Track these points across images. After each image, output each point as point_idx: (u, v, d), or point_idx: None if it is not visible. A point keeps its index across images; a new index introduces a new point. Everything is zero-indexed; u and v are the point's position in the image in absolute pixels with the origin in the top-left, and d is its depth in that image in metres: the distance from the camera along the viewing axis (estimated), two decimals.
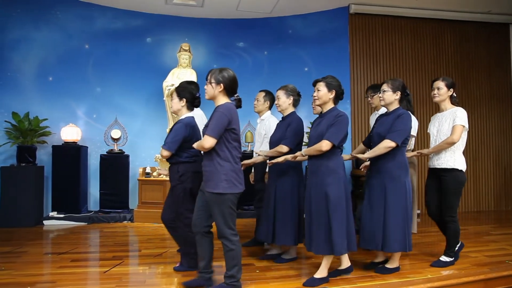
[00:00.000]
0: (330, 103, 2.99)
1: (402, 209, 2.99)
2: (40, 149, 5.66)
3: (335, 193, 2.81)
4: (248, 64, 6.71)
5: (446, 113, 3.37)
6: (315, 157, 2.92)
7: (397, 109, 3.11)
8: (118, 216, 5.57)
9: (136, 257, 3.81)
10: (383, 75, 6.69)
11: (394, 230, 2.97)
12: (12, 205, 5.13)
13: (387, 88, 3.12)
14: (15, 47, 5.73)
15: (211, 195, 2.59)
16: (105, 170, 5.75)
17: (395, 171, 3.01)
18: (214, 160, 2.58)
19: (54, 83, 5.94)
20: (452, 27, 6.91)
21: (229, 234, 2.60)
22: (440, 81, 3.38)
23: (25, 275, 3.07)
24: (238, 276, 2.64)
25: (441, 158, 3.30)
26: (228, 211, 2.59)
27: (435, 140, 3.39)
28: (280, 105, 3.45)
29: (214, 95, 2.68)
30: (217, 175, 2.55)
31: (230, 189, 2.57)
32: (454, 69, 6.90)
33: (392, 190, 2.99)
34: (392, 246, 2.98)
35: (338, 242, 2.79)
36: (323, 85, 2.95)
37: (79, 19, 6.12)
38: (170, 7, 6.25)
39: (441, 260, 3.36)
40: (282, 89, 3.46)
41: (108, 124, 6.05)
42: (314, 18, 6.72)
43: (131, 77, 6.30)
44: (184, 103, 3.18)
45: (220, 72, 2.66)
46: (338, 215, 2.80)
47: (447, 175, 3.28)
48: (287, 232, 3.28)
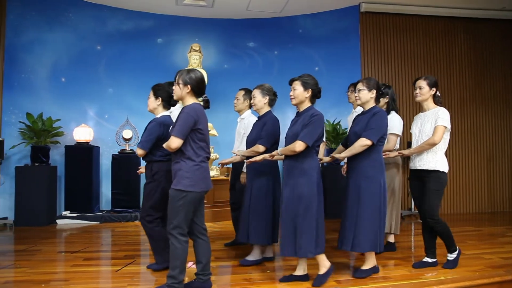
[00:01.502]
0: (306, 102, 2.92)
1: (374, 209, 2.91)
2: (53, 149, 5.73)
3: (306, 194, 2.76)
4: (258, 64, 6.71)
5: (428, 113, 3.25)
6: (289, 157, 2.87)
7: (373, 108, 3.05)
8: (129, 215, 5.61)
9: (147, 256, 3.83)
10: (394, 75, 6.63)
11: (364, 230, 2.89)
12: (26, 204, 5.21)
13: (362, 87, 3.05)
14: (29, 49, 5.82)
15: (172, 191, 2.58)
16: (116, 170, 5.80)
17: (370, 170, 2.94)
18: (179, 159, 2.59)
19: (66, 84, 6.01)
20: (465, 25, 6.81)
21: (177, 232, 2.56)
22: (422, 80, 3.26)
23: (40, 273, 3.11)
24: (180, 278, 2.58)
25: (423, 159, 3.19)
26: (185, 209, 2.55)
27: (417, 140, 3.28)
28: (256, 104, 3.40)
29: (181, 96, 2.68)
30: (180, 173, 2.55)
31: (192, 187, 2.54)
32: (467, 68, 6.80)
33: (365, 189, 2.92)
34: (362, 246, 2.91)
35: (304, 244, 2.73)
36: (299, 84, 2.89)
37: (91, 21, 6.19)
38: (181, 8, 6.28)
39: (449, 259, 3.28)
40: (258, 88, 3.41)
41: (119, 125, 6.10)
42: (324, 17, 6.69)
43: (142, 77, 6.33)
44: (160, 102, 3.19)
45: (187, 73, 2.66)
46: (308, 216, 2.75)
47: (428, 176, 3.17)
48: (261, 231, 3.24)
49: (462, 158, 6.68)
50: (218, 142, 6.26)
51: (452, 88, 6.74)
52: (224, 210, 5.60)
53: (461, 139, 6.68)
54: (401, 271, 3.20)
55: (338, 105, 6.22)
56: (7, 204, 5.48)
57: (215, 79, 6.12)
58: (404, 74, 6.65)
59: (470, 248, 3.96)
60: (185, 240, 2.59)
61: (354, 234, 2.92)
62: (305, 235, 2.74)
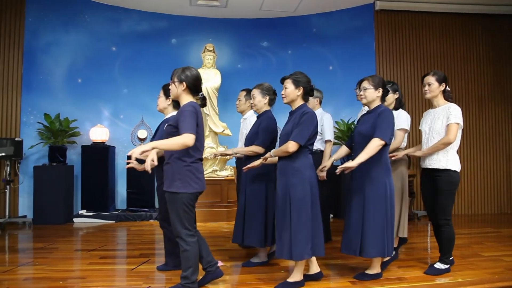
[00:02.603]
0: (298, 100, 2.85)
1: (381, 213, 2.80)
2: (70, 149, 5.83)
3: (299, 194, 2.68)
4: (272, 63, 6.70)
5: (438, 110, 3.13)
6: (282, 157, 2.80)
7: (378, 107, 2.95)
8: (144, 214, 5.67)
9: (162, 255, 3.84)
10: (410, 74, 6.54)
11: (371, 235, 2.78)
12: (44, 203, 5.31)
13: (368, 85, 2.95)
14: (47, 50, 5.93)
15: (167, 194, 2.58)
16: (132, 170, 5.77)
17: (374, 171, 2.83)
18: (171, 159, 2.58)
19: (83, 84, 6.11)
20: (483, 22, 6.66)
21: (184, 234, 2.56)
22: (430, 76, 3.14)
23: (57, 271, 3.17)
24: (192, 278, 2.58)
25: (433, 158, 3.07)
26: (183, 211, 2.54)
27: (427, 138, 3.16)
28: (256, 104, 3.35)
29: (177, 94, 2.67)
30: (172, 174, 2.53)
31: (184, 188, 2.53)
32: (486, 65, 6.66)
33: (371, 192, 2.81)
34: (370, 252, 2.80)
35: (298, 246, 2.66)
36: (290, 82, 2.82)
37: (106, 22, 6.28)
38: (194, 8, 6.31)
39: (435, 267, 3.13)
40: (258, 88, 3.35)
41: (134, 125, 6.17)
42: (338, 16, 6.64)
43: (156, 78, 6.35)
44: (170, 102, 3.20)
45: (183, 71, 2.64)
46: (301, 217, 2.67)
47: (440, 176, 3.06)
48: (255, 233, 3.18)
49: (480, 158, 6.54)
50: (233, 142, 6.27)
51: (469, 86, 6.61)
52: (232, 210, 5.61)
53: (479, 138, 6.53)
54: (417, 272, 3.15)
55: (352, 105, 6.14)
56: (25, 203, 5.59)
57: (228, 79, 6.13)
58: (420, 73, 6.53)
59: (489, 250, 3.87)
60: (194, 241, 2.60)
61: (361, 239, 2.82)
62: (300, 237, 2.66)
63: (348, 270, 3.18)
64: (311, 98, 3.30)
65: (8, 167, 5.31)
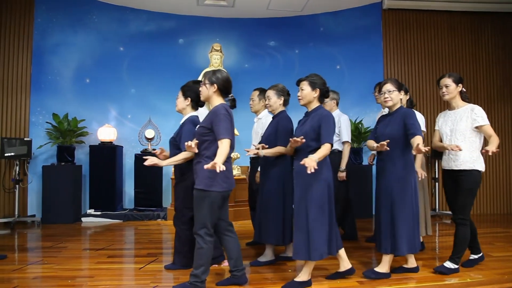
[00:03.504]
0: (314, 102, 2.91)
1: (409, 210, 2.88)
2: (78, 149, 5.87)
3: (316, 194, 2.72)
4: (279, 63, 6.69)
5: (459, 111, 3.15)
6: (300, 157, 2.80)
7: (401, 108, 3.04)
8: (152, 214, 5.69)
9: (169, 254, 3.87)
10: (418, 73, 6.49)
11: (402, 233, 2.86)
12: (53, 203, 5.36)
13: (393, 88, 3.00)
14: (55, 51, 5.98)
15: (197, 191, 2.61)
16: (139, 169, 5.89)
17: (401, 171, 2.91)
18: (202, 158, 2.61)
19: (90, 85, 6.15)
20: (493, 20, 6.59)
21: (203, 232, 2.58)
22: (447, 78, 3.17)
23: (66, 269, 3.19)
24: (202, 277, 2.59)
25: (459, 159, 3.08)
26: (209, 208, 2.57)
27: (449, 140, 3.16)
28: (271, 105, 3.40)
29: (208, 95, 2.72)
30: (202, 172, 2.55)
31: (214, 187, 2.56)
32: (494, 64, 6.58)
33: (399, 190, 2.88)
34: (401, 249, 2.88)
35: (314, 246, 2.68)
36: (306, 84, 2.87)
37: (114, 23, 6.31)
38: (202, 8, 6.33)
39: (445, 265, 3.12)
40: (273, 89, 3.40)
41: (142, 124, 6.20)
42: (346, 15, 6.61)
43: (164, 77, 6.42)
44: (188, 102, 3.22)
45: (213, 74, 2.71)
46: (318, 217, 2.70)
47: (464, 176, 3.07)
48: (272, 231, 3.22)
49: (489, 157, 6.42)
50: (240, 141, 6.27)
51: (478, 85, 6.54)
52: (244, 209, 5.60)
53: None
54: (425, 272, 3.13)
55: (360, 104, 6.14)
56: (34, 202, 5.65)
57: (236, 79, 6.00)
58: (428, 72, 6.49)
59: (498, 250, 3.83)
60: (211, 240, 2.61)
61: (393, 237, 2.90)
62: (317, 237, 2.69)
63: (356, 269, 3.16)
64: (328, 100, 3.37)
65: (17, 167, 5.36)
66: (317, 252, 2.70)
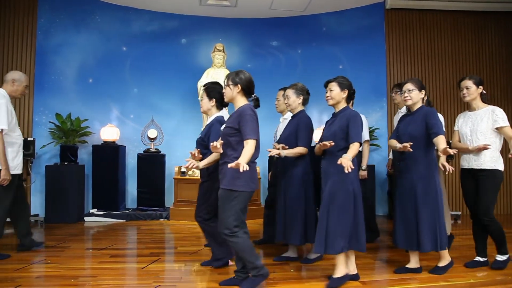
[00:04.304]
0: (342, 102, 2.99)
1: (433, 208, 2.95)
2: (81, 149, 5.89)
3: (342, 192, 2.77)
4: (281, 62, 6.69)
5: (480, 112, 3.24)
6: (326, 157, 2.91)
7: (422, 108, 3.09)
8: (154, 214, 5.70)
9: (172, 254, 3.89)
10: (421, 73, 6.47)
11: (427, 230, 2.93)
12: (56, 202, 5.37)
13: (413, 87, 3.08)
14: (58, 51, 5.99)
15: (224, 191, 2.63)
16: (142, 169, 5.91)
17: (425, 169, 2.97)
18: (229, 158, 2.63)
19: (93, 84, 6.16)
20: (496, 19, 6.56)
21: (236, 230, 2.62)
22: (467, 80, 3.28)
23: (69, 269, 3.20)
24: (258, 264, 2.66)
25: (480, 158, 3.17)
26: (240, 208, 2.62)
27: (470, 140, 3.25)
28: (290, 104, 3.42)
29: (232, 96, 2.76)
30: (231, 173, 2.56)
31: (244, 187, 2.61)
32: (498, 65, 6.55)
33: (423, 189, 2.95)
34: (425, 246, 2.93)
35: (333, 240, 2.74)
36: (335, 85, 2.96)
37: (117, 23, 6.33)
38: (204, 8, 6.33)
39: (498, 260, 3.22)
40: (292, 88, 3.43)
41: (144, 124, 6.21)
42: (348, 15, 6.60)
43: (166, 77, 6.44)
44: (213, 103, 3.23)
45: (236, 75, 2.74)
46: (341, 214, 2.75)
47: (485, 175, 3.15)
48: (297, 231, 3.25)
49: None
50: None
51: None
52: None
53: None
54: (426, 273, 3.11)
55: (363, 104, 6.10)
56: (38, 202, 5.66)
57: None
58: (431, 72, 6.48)
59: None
60: (241, 232, 2.65)
61: (417, 234, 2.95)
62: (337, 232, 2.74)
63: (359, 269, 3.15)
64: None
65: None
66: (333, 246, 2.73)
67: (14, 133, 3.50)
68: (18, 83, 3.57)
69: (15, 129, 3.51)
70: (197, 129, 6.12)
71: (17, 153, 3.54)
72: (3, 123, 3.31)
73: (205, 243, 4.13)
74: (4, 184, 3.34)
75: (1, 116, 3.31)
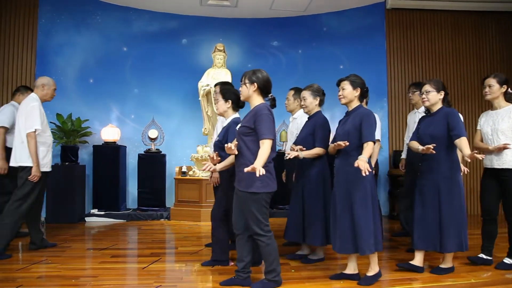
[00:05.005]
0: (355, 101, 2.98)
1: (457, 209, 2.96)
2: (82, 149, 5.89)
3: (361, 191, 2.78)
4: (282, 63, 6.69)
5: (501, 111, 3.23)
6: (341, 156, 2.91)
7: (442, 108, 3.09)
8: (155, 214, 5.70)
9: (173, 254, 3.89)
10: (422, 72, 6.47)
11: (451, 231, 2.94)
12: (57, 202, 5.36)
13: (431, 89, 3.08)
14: (59, 51, 6.00)
15: (245, 194, 2.62)
16: (142, 169, 5.91)
17: (448, 170, 2.98)
18: (248, 159, 2.60)
19: (94, 85, 6.17)
20: (497, 19, 6.55)
21: (264, 230, 2.63)
22: (491, 79, 3.27)
23: (70, 269, 3.20)
24: (278, 270, 2.69)
25: (502, 158, 3.16)
26: (262, 209, 2.62)
27: (491, 139, 3.26)
28: (307, 105, 3.43)
29: (248, 95, 2.73)
30: (250, 175, 2.54)
31: (264, 188, 2.60)
32: (499, 64, 6.54)
33: (446, 190, 2.96)
34: (449, 247, 2.95)
35: (362, 241, 2.75)
36: (347, 84, 2.95)
37: (117, 23, 6.33)
38: (205, 8, 6.33)
39: (505, 262, 3.23)
40: (308, 90, 3.44)
41: (145, 124, 6.21)
42: (349, 15, 6.60)
43: (167, 78, 6.44)
44: (229, 104, 3.24)
45: (253, 73, 2.72)
46: (364, 214, 2.76)
47: (508, 175, 3.15)
48: (316, 233, 3.26)
49: None
50: None
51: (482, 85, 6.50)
52: None
53: None
54: (428, 273, 3.11)
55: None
56: None
57: (239, 79, 6.05)
58: (431, 71, 6.47)
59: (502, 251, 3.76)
60: (271, 235, 2.67)
61: (440, 235, 2.96)
62: (364, 233, 2.75)
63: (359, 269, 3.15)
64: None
65: None
66: (364, 247, 2.75)
67: (45, 133, 3.77)
68: (47, 87, 3.86)
69: (46, 130, 3.79)
70: (197, 129, 6.13)
71: (47, 152, 3.80)
72: (37, 124, 3.61)
73: (205, 243, 4.14)
74: (34, 180, 3.59)
75: (35, 117, 3.61)
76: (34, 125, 3.59)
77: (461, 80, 6.49)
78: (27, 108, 3.63)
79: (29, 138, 3.55)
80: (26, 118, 3.59)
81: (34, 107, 3.64)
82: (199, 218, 5.42)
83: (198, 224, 5.34)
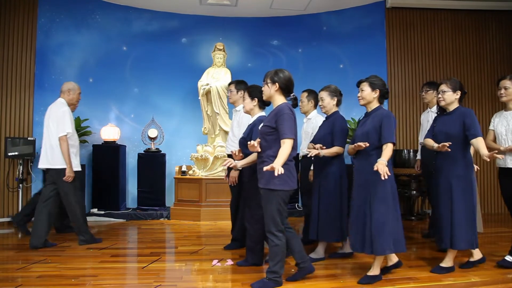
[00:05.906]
0: (374, 102, 2.99)
1: (469, 207, 2.99)
2: (81, 148, 5.86)
3: (380, 191, 2.78)
4: (282, 62, 6.68)
5: None
6: (360, 156, 2.92)
7: (459, 108, 3.10)
8: (155, 213, 5.70)
9: (172, 253, 3.89)
10: (422, 72, 6.46)
11: (462, 229, 2.96)
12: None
13: (447, 89, 3.10)
14: (59, 51, 5.99)
15: (263, 191, 2.67)
16: (142, 169, 5.90)
17: (461, 169, 3.00)
18: (268, 157, 2.65)
19: (94, 84, 6.16)
20: (498, 18, 6.55)
21: (275, 230, 2.65)
22: (507, 80, 3.27)
23: (70, 268, 3.20)
24: (280, 272, 2.69)
25: None
26: (277, 207, 2.64)
27: (505, 139, 3.28)
28: (325, 106, 3.48)
29: (270, 94, 2.77)
30: (269, 172, 2.55)
31: (282, 185, 2.62)
32: (499, 63, 6.54)
33: (459, 188, 2.98)
34: (460, 244, 2.97)
35: (380, 241, 2.76)
36: (366, 85, 2.97)
37: (117, 22, 6.32)
38: (205, 8, 6.32)
39: (506, 259, 3.24)
40: (326, 90, 3.48)
41: (145, 124, 6.21)
42: (349, 14, 6.59)
43: (167, 77, 6.44)
44: (256, 103, 3.27)
45: (275, 73, 2.75)
46: (383, 213, 2.77)
47: None
48: (331, 230, 3.31)
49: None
50: None
51: (483, 84, 6.51)
52: None
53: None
54: (428, 272, 3.11)
55: None
56: None
57: (239, 78, 6.10)
58: (432, 70, 6.47)
59: (503, 250, 3.78)
60: (283, 236, 2.68)
61: (451, 233, 2.98)
62: (383, 232, 2.76)
63: (359, 269, 3.15)
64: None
65: (21, 166, 5.38)
66: (381, 247, 2.75)
67: (74, 136, 4.01)
68: (73, 91, 4.12)
69: (74, 133, 4.02)
70: (197, 129, 6.12)
71: (77, 152, 4.05)
72: (69, 127, 3.88)
73: (205, 242, 4.13)
74: (69, 180, 3.88)
75: (66, 121, 3.87)
76: (66, 129, 3.84)
77: (461, 79, 6.46)
78: (58, 113, 3.88)
79: (61, 141, 3.81)
80: (58, 122, 3.84)
81: (65, 111, 3.90)
82: (199, 218, 5.42)
83: (198, 223, 5.33)
